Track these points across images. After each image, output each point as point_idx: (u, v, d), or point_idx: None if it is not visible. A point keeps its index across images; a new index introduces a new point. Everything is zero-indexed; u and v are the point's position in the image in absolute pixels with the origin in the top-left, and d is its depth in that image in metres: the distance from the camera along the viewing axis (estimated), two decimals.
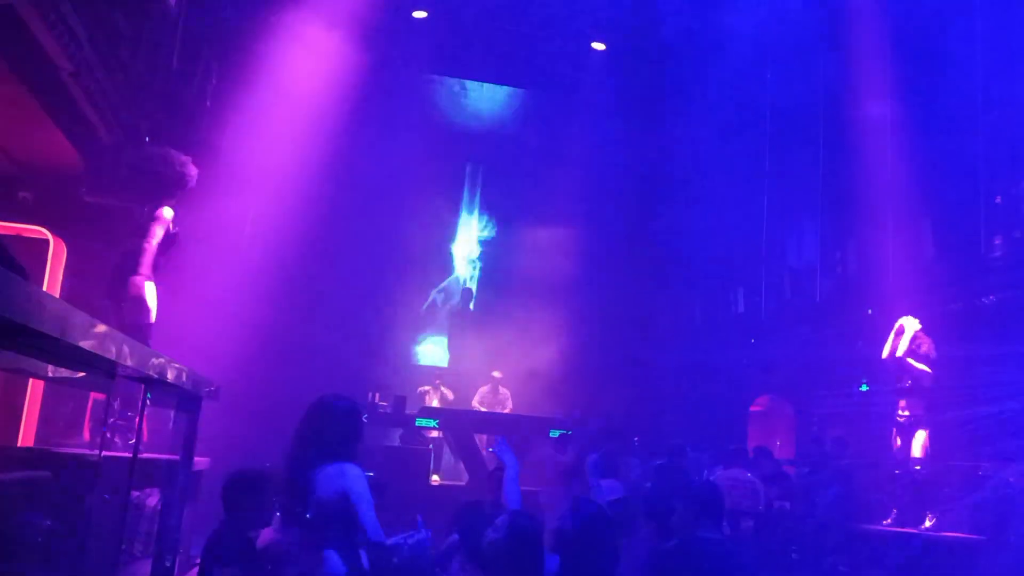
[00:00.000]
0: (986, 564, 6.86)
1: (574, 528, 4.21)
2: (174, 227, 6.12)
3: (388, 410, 10.68)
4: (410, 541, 4.11)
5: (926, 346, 8.18)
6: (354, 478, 3.90)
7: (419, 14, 13.00)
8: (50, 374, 3.91)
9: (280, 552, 4.24)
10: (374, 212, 13.27)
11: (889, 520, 8.00)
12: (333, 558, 3.78)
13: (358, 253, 12.99)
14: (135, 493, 4.94)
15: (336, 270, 12.46)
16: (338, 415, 4.09)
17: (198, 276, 7.13)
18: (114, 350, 2.26)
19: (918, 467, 7.97)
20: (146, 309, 5.92)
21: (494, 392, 12.48)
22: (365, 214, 13.00)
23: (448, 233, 16.14)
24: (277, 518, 4.58)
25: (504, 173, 16.23)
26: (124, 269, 5.97)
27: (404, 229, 14.49)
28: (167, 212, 6.09)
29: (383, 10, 11.64)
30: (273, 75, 10.40)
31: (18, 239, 6.02)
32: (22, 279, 1.67)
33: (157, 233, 6.02)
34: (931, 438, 8.03)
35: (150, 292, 5.96)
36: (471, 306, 14.88)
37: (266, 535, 4.61)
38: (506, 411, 12.23)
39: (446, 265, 16.13)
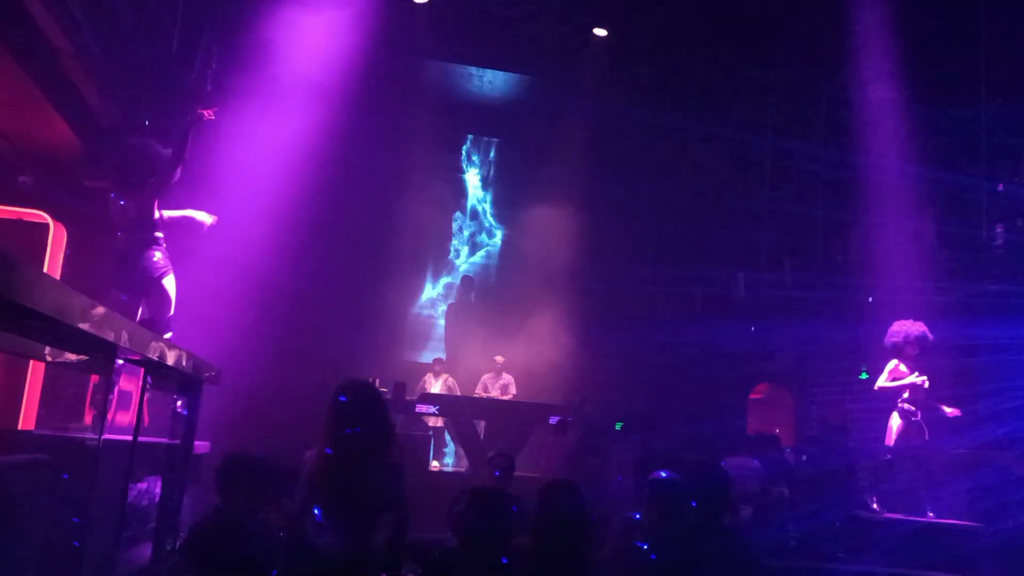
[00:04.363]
0: (984, 550, 6.89)
1: None
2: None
3: (388, 396, 10.69)
4: None
5: (929, 334, 8.13)
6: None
7: None
8: (50, 357, 3.91)
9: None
10: (376, 196, 13.24)
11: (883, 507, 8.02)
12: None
13: (360, 238, 12.96)
14: (143, 482, 4.96)
15: (338, 254, 12.44)
16: (382, 403, 4.05)
17: (198, 260, 7.12)
18: (113, 333, 2.26)
19: (918, 455, 7.97)
20: (169, 303, 6.09)
21: (497, 377, 12.49)
22: (367, 198, 12.96)
23: (450, 219, 16.10)
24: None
25: (507, 157, 16.22)
26: (149, 263, 6.04)
27: (406, 215, 14.46)
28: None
29: None
30: (273, 59, 10.36)
31: (18, 223, 6.02)
32: (23, 261, 1.67)
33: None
34: (931, 428, 8.03)
35: (171, 286, 6.11)
36: (472, 297, 14.67)
37: None
38: (509, 396, 12.24)
39: (449, 252, 16.09)
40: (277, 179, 10.11)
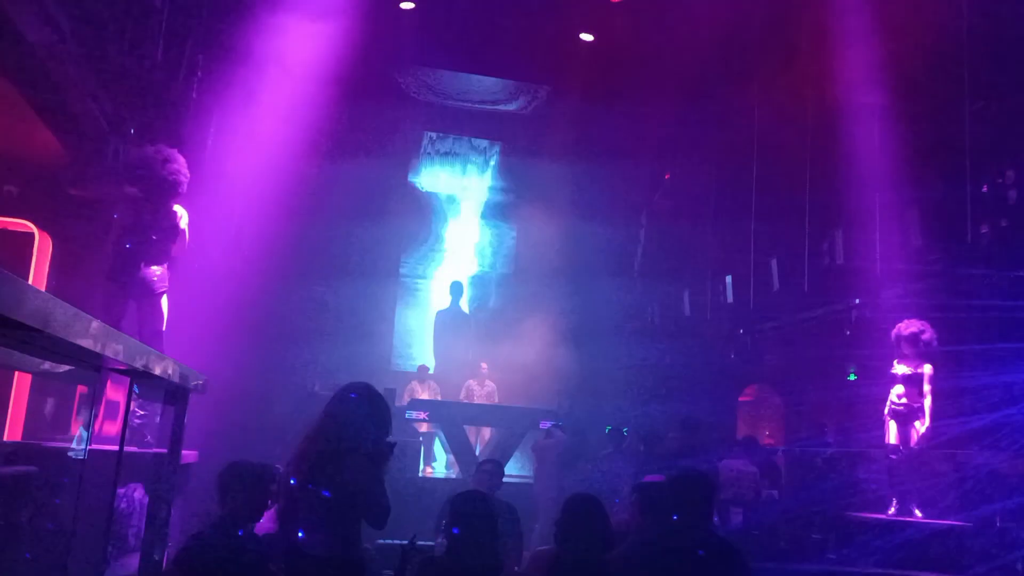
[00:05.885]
0: (973, 550, 6.91)
1: None
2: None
3: None
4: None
5: (928, 334, 8.16)
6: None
7: (407, 5, 12.92)
8: (36, 368, 3.88)
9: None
10: (364, 206, 13.21)
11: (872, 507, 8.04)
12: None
13: (347, 246, 12.94)
14: (122, 487, 4.93)
15: (324, 263, 12.42)
16: (378, 402, 4.13)
17: (183, 268, 7.10)
18: (99, 343, 2.24)
19: (895, 456, 7.97)
20: (163, 319, 6.25)
21: (482, 384, 12.48)
22: (354, 207, 12.93)
23: (439, 226, 16.07)
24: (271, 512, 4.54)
25: (498, 165, 16.23)
26: (152, 276, 6.09)
27: (395, 223, 14.43)
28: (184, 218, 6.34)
29: (371, 0, 11.56)
30: (260, 67, 10.32)
31: (3, 232, 5.99)
32: (7, 271, 1.66)
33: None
34: (920, 429, 8.06)
35: (166, 306, 6.29)
36: (462, 304, 14.59)
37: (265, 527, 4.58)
38: (493, 403, 12.24)
39: (437, 259, 16.05)
40: (262, 186, 10.08)
